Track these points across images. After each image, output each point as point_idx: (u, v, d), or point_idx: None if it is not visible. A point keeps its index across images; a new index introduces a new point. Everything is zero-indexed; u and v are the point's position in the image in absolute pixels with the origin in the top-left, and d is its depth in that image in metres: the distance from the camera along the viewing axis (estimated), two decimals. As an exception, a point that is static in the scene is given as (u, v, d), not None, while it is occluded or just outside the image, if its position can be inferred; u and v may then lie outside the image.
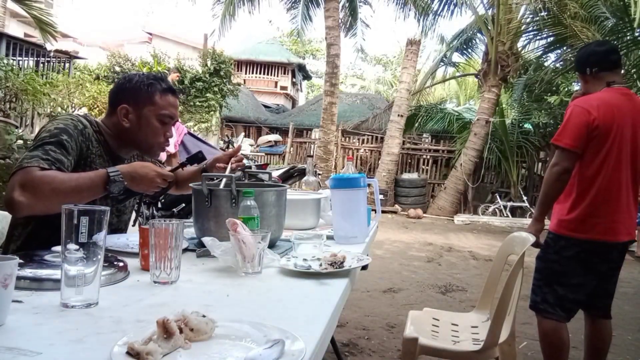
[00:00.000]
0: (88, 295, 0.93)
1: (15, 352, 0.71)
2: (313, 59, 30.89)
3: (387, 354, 2.90)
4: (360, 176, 1.83)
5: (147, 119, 1.57)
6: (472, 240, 7.81)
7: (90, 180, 1.37)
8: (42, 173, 1.31)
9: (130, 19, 29.48)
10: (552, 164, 2.17)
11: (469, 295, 4.35)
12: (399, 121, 11.34)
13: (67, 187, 1.33)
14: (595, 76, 2.28)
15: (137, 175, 1.43)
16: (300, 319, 0.94)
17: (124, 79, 1.62)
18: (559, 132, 2.17)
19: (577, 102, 2.20)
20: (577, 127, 2.13)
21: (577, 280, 2.21)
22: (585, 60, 2.33)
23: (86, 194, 1.37)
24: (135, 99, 1.57)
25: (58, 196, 1.30)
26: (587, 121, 2.12)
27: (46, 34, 8.66)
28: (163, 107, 1.58)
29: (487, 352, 1.78)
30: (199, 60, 13.02)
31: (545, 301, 2.25)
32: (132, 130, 1.58)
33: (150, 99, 1.56)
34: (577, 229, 2.18)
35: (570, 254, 2.20)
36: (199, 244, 1.49)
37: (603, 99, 2.19)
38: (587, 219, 2.16)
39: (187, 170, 1.82)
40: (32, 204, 1.29)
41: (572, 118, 2.15)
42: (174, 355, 0.75)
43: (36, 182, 1.29)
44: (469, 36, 12.52)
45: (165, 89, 1.59)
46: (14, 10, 13.33)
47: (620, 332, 3.43)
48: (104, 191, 1.38)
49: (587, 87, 2.31)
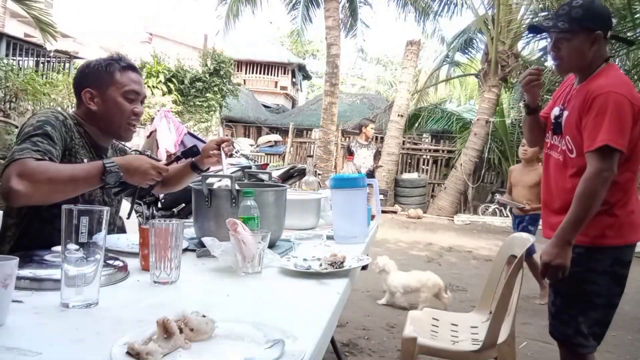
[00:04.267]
0: (88, 295, 0.93)
1: (15, 352, 0.71)
2: (313, 59, 30.92)
3: (387, 354, 2.90)
4: (360, 176, 1.84)
5: (113, 99, 1.56)
6: (472, 240, 7.81)
7: (86, 170, 1.37)
8: (37, 163, 1.31)
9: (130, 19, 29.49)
10: (600, 169, 1.65)
11: (469, 295, 4.35)
12: (399, 121, 11.34)
13: (63, 176, 1.33)
14: (604, 44, 1.77)
15: (131, 167, 1.43)
16: (300, 319, 0.94)
17: (83, 66, 1.63)
18: (608, 130, 1.65)
19: (613, 88, 1.68)
20: (624, 121, 1.66)
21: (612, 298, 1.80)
22: (608, 19, 1.80)
23: (82, 184, 1.37)
24: (97, 82, 1.56)
25: (55, 185, 1.31)
26: (633, 113, 1.67)
27: (46, 34, 8.67)
28: (126, 84, 1.58)
29: (486, 352, 1.78)
30: (199, 60, 13.01)
31: (579, 334, 1.78)
32: (101, 113, 1.57)
33: (112, 78, 1.56)
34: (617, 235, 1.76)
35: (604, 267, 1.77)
36: (199, 244, 1.49)
37: (628, 81, 1.77)
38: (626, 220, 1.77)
39: (172, 168, 1.78)
40: (29, 193, 1.28)
41: (616, 110, 1.66)
42: (174, 355, 0.75)
43: (32, 171, 1.28)
44: (469, 36, 12.54)
45: (125, 67, 1.59)
46: (14, 10, 13.34)
47: (620, 332, 3.43)
48: (99, 182, 1.38)
49: (586, 54, 1.76)
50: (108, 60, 1.59)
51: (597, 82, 1.74)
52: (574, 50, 1.76)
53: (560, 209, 1.82)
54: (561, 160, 1.85)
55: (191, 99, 12.19)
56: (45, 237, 1.44)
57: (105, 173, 1.36)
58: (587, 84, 1.77)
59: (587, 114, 1.71)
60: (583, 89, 1.77)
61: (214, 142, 1.78)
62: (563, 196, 1.83)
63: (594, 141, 1.67)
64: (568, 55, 1.77)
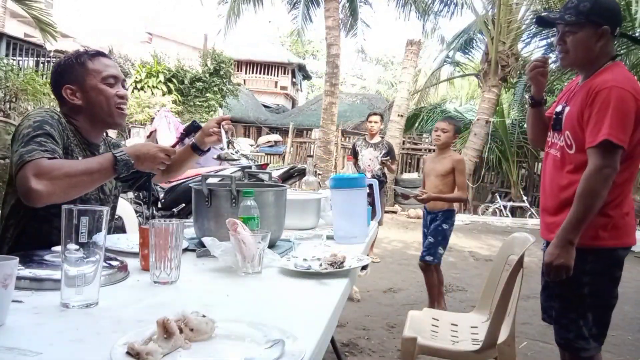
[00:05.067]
0: (88, 295, 0.93)
1: (15, 352, 0.71)
2: (313, 59, 30.92)
3: (387, 354, 2.90)
4: (360, 176, 1.84)
5: (94, 87, 1.55)
6: (472, 240, 7.81)
7: (99, 163, 1.37)
8: (51, 161, 1.31)
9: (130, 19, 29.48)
10: (601, 166, 1.62)
11: (469, 295, 4.35)
12: (399, 121, 11.34)
13: (78, 170, 1.33)
14: (610, 41, 1.74)
15: (140, 153, 1.43)
16: (300, 319, 0.94)
17: (55, 66, 1.63)
18: (610, 125, 1.61)
19: (617, 83, 1.65)
20: (627, 116, 1.63)
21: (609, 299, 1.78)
22: (617, 14, 1.79)
23: (97, 177, 1.37)
24: (73, 76, 1.56)
25: (72, 180, 1.31)
26: (637, 109, 1.64)
27: (46, 34, 8.67)
28: (102, 70, 1.57)
29: (486, 352, 1.78)
30: (199, 60, 13.02)
31: (580, 337, 1.76)
32: (87, 104, 1.56)
33: (85, 68, 1.56)
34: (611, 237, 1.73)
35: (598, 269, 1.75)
36: (199, 244, 1.49)
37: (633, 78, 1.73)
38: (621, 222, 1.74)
39: None
40: (50, 192, 1.28)
41: (619, 104, 1.62)
42: (174, 355, 0.75)
43: (48, 170, 1.28)
44: (469, 36, 12.53)
45: (94, 54, 1.59)
46: (14, 10, 13.34)
47: (620, 332, 3.43)
48: (113, 173, 1.38)
49: (592, 49, 1.73)
50: (76, 54, 1.59)
51: (601, 77, 1.71)
52: (580, 43, 1.73)
53: (554, 208, 1.81)
54: (558, 156, 1.81)
55: (191, 99, 12.19)
56: (44, 236, 1.44)
57: (117, 163, 1.37)
58: (591, 80, 1.74)
59: (589, 108, 1.67)
60: (587, 84, 1.74)
61: (214, 120, 1.77)
62: (557, 193, 1.80)
63: (596, 136, 1.64)
64: (574, 48, 1.74)
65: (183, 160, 1.83)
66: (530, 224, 9.46)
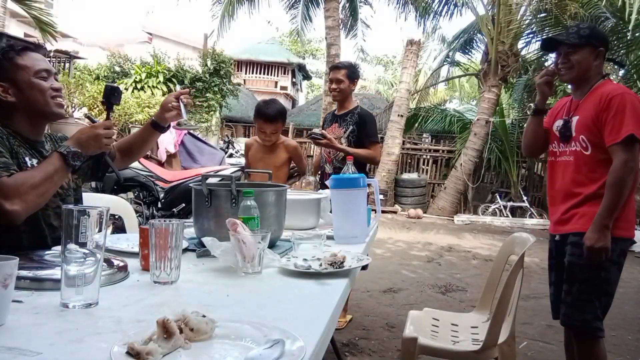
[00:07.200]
0: (88, 295, 0.93)
1: (15, 352, 0.71)
2: (313, 59, 30.88)
3: (387, 354, 2.90)
4: (360, 176, 1.84)
5: (27, 82, 1.51)
6: (472, 240, 7.81)
7: (52, 164, 1.37)
8: (13, 178, 1.30)
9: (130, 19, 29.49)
10: (625, 160, 1.87)
11: (469, 295, 4.35)
12: (399, 121, 11.33)
13: (40, 179, 1.33)
14: (602, 62, 2.07)
15: (81, 140, 1.42)
16: (300, 319, 0.94)
17: None
18: (632, 122, 1.87)
19: (625, 90, 1.98)
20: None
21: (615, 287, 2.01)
22: (607, 41, 2.11)
23: (57, 178, 1.38)
24: (3, 74, 1.51)
25: (38, 190, 1.32)
26: None
27: (46, 34, 8.68)
28: (33, 66, 1.52)
29: (486, 352, 1.78)
30: (199, 60, 13.01)
31: (597, 318, 1.96)
32: (22, 100, 1.51)
33: (15, 64, 1.51)
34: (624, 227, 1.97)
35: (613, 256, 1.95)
36: (199, 244, 1.49)
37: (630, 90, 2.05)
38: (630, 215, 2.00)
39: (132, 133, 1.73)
40: (25, 208, 1.30)
41: (633, 106, 1.89)
42: (174, 355, 0.75)
43: (14, 187, 1.28)
44: (469, 36, 12.53)
45: (21, 49, 1.55)
46: (14, 10, 13.32)
47: (620, 332, 3.43)
48: (68, 168, 1.39)
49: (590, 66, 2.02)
50: (1, 51, 1.53)
51: (606, 87, 1.99)
52: (582, 60, 2.01)
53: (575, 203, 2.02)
54: (572, 160, 2.03)
55: (191, 99, 12.16)
56: (38, 233, 1.45)
57: (66, 158, 1.37)
58: (594, 91, 2.01)
59: (606, 112, 1.92)
60: (591, 95, 2.01)
61: (173, 95, 1.75)
62: (566, 188, 2.04)
63: (618, 133, 1.88)
64: (578, 64, 2.01)
65: (144, 139, 1.81)
66: (530, 224, 9.46)
